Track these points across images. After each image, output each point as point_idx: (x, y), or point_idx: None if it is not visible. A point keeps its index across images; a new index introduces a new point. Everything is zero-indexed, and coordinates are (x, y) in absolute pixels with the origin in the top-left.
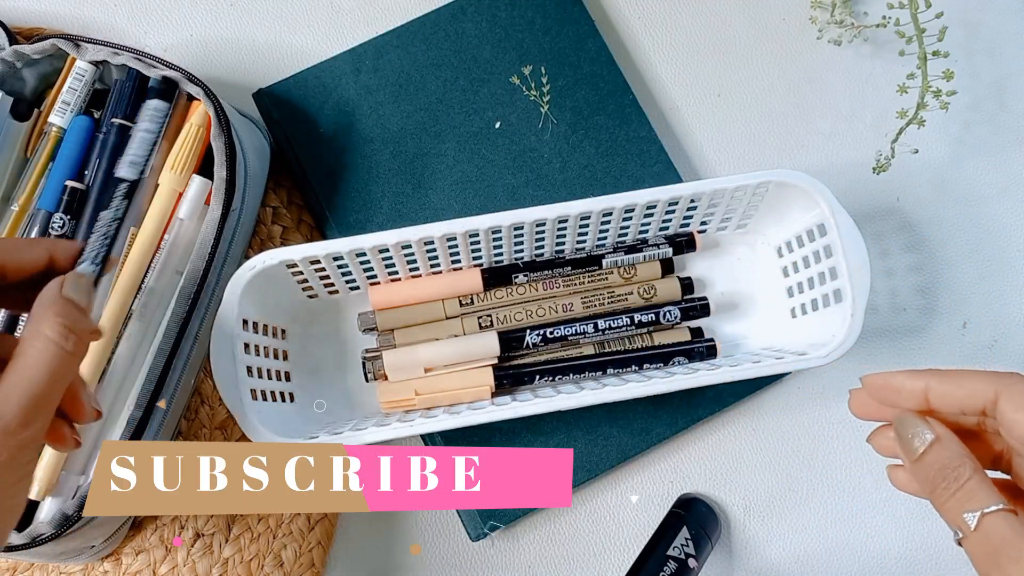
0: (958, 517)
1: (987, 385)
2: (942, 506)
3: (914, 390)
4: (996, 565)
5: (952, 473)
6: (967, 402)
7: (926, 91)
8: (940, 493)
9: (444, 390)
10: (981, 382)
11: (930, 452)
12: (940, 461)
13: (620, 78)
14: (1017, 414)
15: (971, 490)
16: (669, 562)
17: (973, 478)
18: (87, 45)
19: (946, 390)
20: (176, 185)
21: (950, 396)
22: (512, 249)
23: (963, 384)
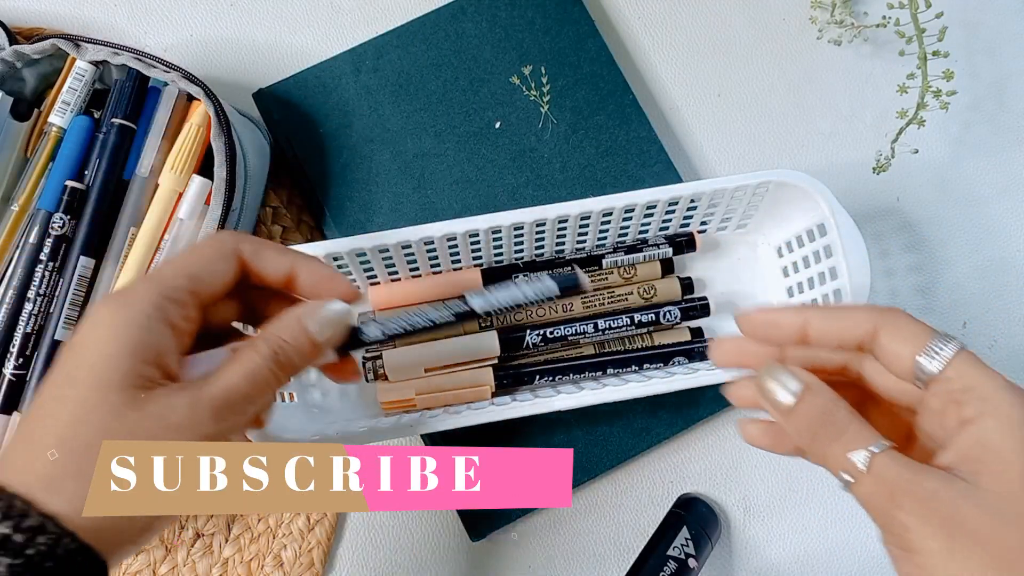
0: (845, 462)
1: (868, 317)
2: (824, 454)
3: (793, 323)
4: (893, 501)
5: (831, 419)
6: (846, 334)
7: (926, 91)
8: (820, 440)
9: (444, 390)
10: (862, 314)
11: (804, 401)
12: (816, 408)
13: (620, 78)
14: (897, 345)
15: (855, 433)
16: (669, 562)
17: (852, 420)
18: (87, 45)
19: (826, 323)
20: (176, 185)
21: (830, 327)
22: (512, 249)
23: (843, 317)
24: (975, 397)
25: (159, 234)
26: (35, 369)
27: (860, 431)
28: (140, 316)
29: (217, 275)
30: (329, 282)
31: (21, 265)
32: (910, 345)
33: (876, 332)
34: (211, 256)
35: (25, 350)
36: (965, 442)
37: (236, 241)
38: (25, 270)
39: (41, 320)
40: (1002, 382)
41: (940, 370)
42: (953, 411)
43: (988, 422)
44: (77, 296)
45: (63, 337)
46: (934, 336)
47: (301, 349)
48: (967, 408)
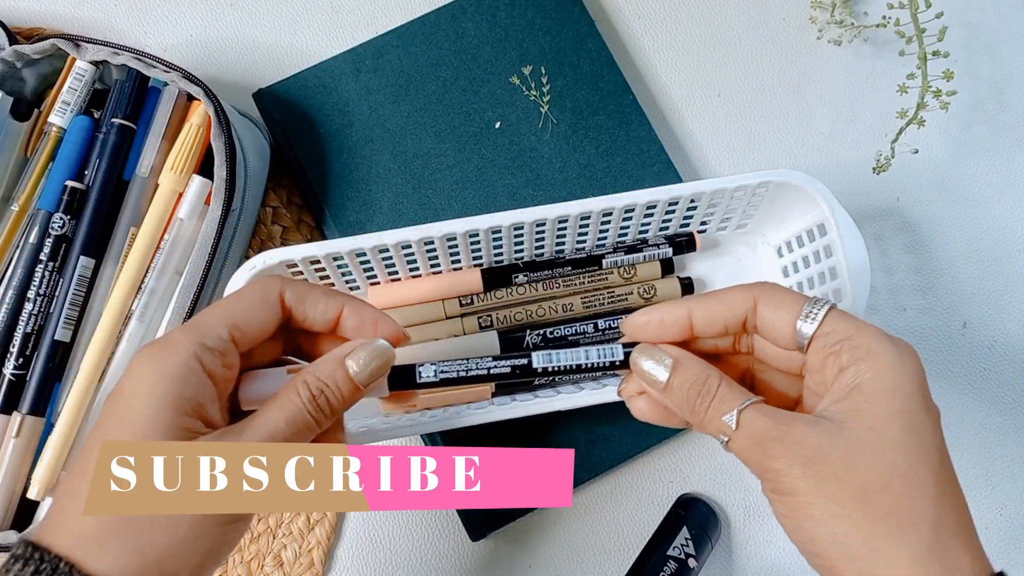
0: (719, 423)
1: (745, 294)
2: (702, 420)
3: (678, 318)
4: (762, 451)
5: (703, 388)
6: (729, 316)
7: (926, 91)
8: (698, 409)
9: (444, 390)
10: (739, 293)
11: (676, 375)
12: (688, 380)
13: (620, 78)
14: (776, 314)
15: (723, 395)
16: (669, 562)
17: (722, 384)
18: (87, 45)
19: (707, 309)
20: (176, 185)
21: (712, 314)
22: (512, 249)
23: (722, 299)
24: (850, 346)
25: (159, 234)
26: (35, 369)
27: (729, 393)
28: (180, 368)
29: (259, 322)
30: (375, 327)
31: (21, 265)
32: (787, 312)
33: (755, 308)
34: (253, 303)
35: (25, 350)
36: (839, 387)
37: (280, 287)
38: (25, 270)
39: (41, 320)
40: (878, 331)
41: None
42: (832, 362)
43: (861, 366)
44: (77, 296)
45: (63, 337)
46: (807, 301)
47: (342, 392)
48: (843, 356)
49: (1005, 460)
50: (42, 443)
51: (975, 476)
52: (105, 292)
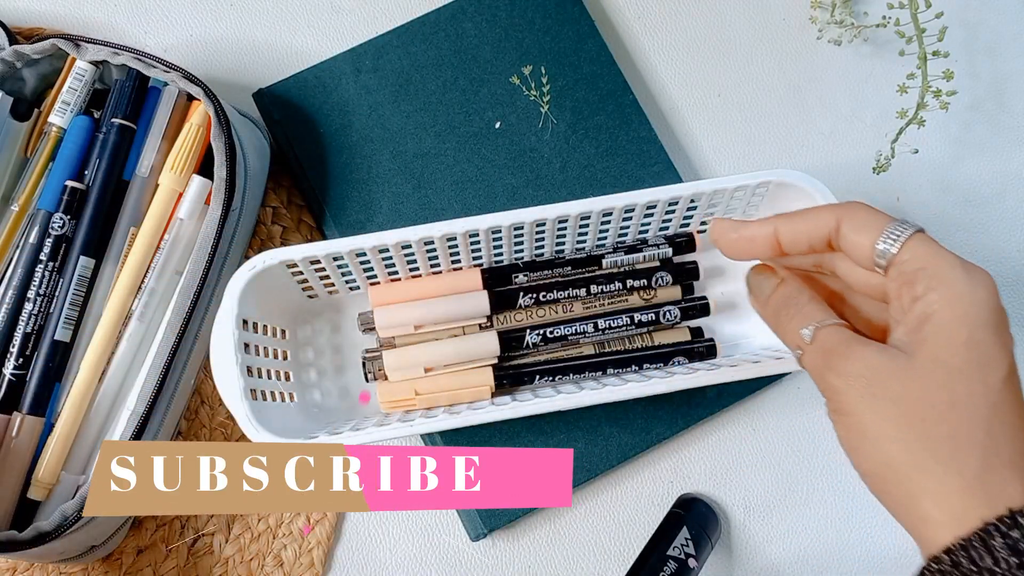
0: (797, 336)
1: (830, 213)
2: (783, 330)
3: (766, 235)
4: (828, 366)
5: (792, 301)
6: (813, 234)
7: (926, 91)
8: (781, 320)
9: (444, 390)
10: (824, 212)
11: (775, 292)
12: (782, 295)
13: (620, 78)
14: (858, 235)
15: (808, 311)
16: (669, 562)
17: (810, 303)
18: (87, 45)
19: (792, 227)
20: (176, 185)
21: (797, 231)
22: (512, 249)
23: (807, 218)
24: (926, 275)
25: (159, 234)
26: (34, 369)
27: (813, 311)
28: None
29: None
30: None
31: (21, 265)
32: (869, 233)
33: (838, 226)
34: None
35: (25, 350)
36: (912, 317)
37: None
38: (25, 270)
39: (41, 320)
40: (954, 260)
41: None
42: (907, 291)
43: (933, 296)
44: (77, 296)
45: (63, 337)
46: (891, 222)
47: None
48: (918, 286)
49: None
50: (42, 443)
51: None
52: (105, 292)
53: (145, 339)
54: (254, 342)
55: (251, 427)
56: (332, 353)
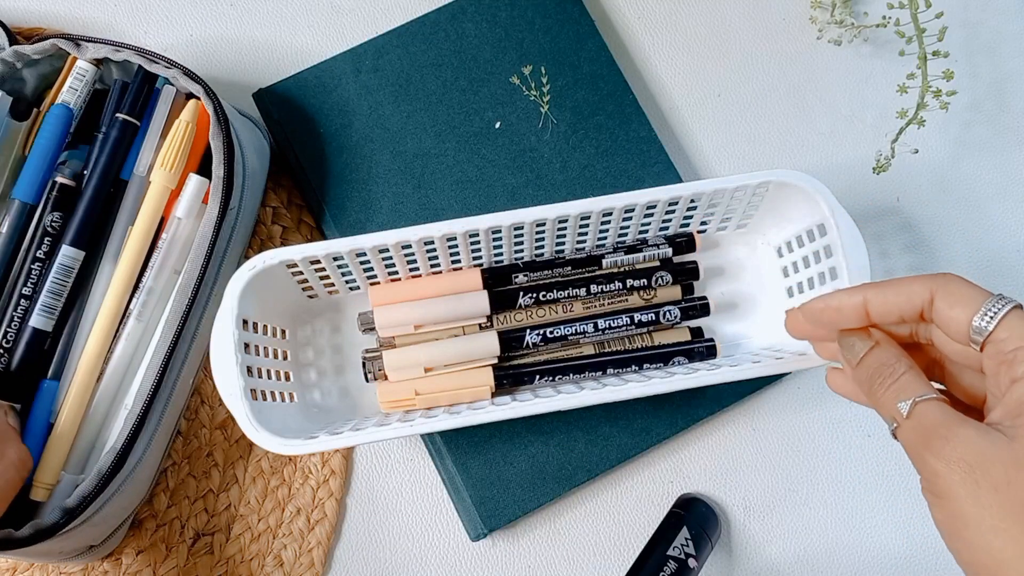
0: (893, 408)
1: (923, 286)
2: (878, 401)
3: (854, 305)
4: (927, 446)
5: (888, 369)
6: (906, 307)
7: (926, 91)
8: (876, 388)
9: (444, 390)
10: (917, 284)
11: (869, 355)
12: (878, 360)
13: (620, 78)
14: (952, 310)
15: (905, 382)
16: (669, 562)
17: (908, 373)
18: (87, 44)
19: (883, 298)
20: (167, 182)
21: (888, 303)
22: (512, 249)
23: (899, 290)
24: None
25: (151, 231)
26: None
27: (911, 382)
28: None
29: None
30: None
31: None
32: (965, 308)
33: (932, 299)
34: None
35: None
36: (1012, 399)
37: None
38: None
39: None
40: None
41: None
42: (1005, 371)
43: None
44: (57, 284)
45: (41, 325)
46: (988, 298)
47: None
48: (1018, 367)
49: None
50: (43, 443)
51: None
52: (104, 291)
53: (144, 338)
54: (254, 342)
55: (251, 427)
56: (332, 353)
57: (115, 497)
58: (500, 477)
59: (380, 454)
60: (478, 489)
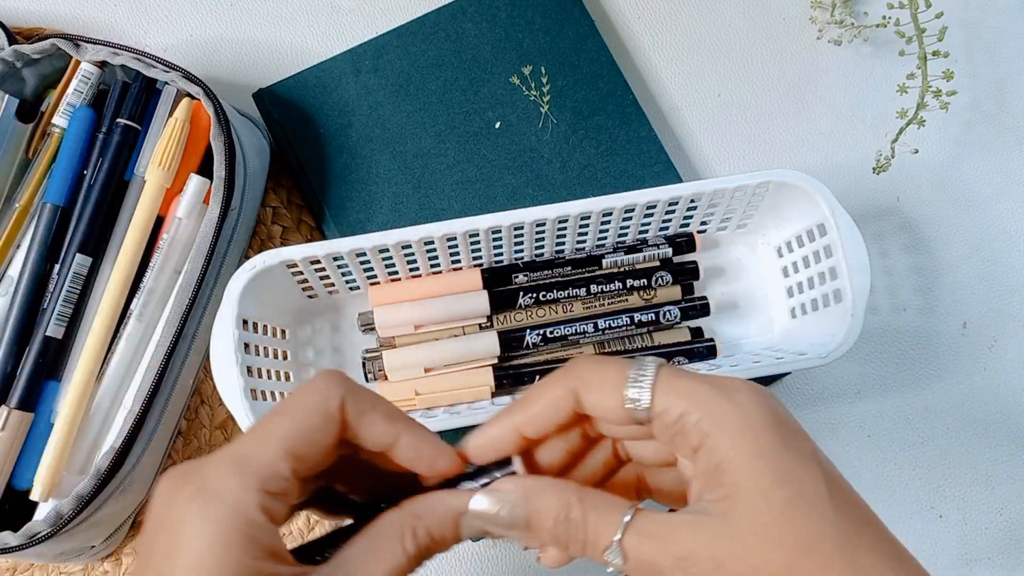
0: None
1: (561, 388)
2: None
3: (506, 437)
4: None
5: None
6: (554, 418)
7: (926, 91)
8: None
9: (444, 390)
10: (555, 389)
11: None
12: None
13: (620, 78)
14: (601, 400)
15: (595, 526)
16: None
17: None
18: (87, 45)
19: (530, 418)
20: (163, 181)
21: (538, 421)
22: (512, 249)
23: (540, 403)
24: (692, 421)
25: (147, 230)
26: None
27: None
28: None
29: (321, 446)
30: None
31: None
32: (610, 394)
33: (577, 397)
34: (314, 422)
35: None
36: (702, 471)
37: (342, 394)
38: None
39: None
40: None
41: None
42: (681, 442)
43: (712, 442)
44: (71, 293)
45: (55, 333)
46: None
47: (444, 546)
48: (691, 435)
49: (1005, 460)
50: (43, 443)
51: (975, 476)
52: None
53: (144, 338)
54: (254, 342)
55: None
56: (332, 353)
57: (114, 498)
58: None
59: None
60: None
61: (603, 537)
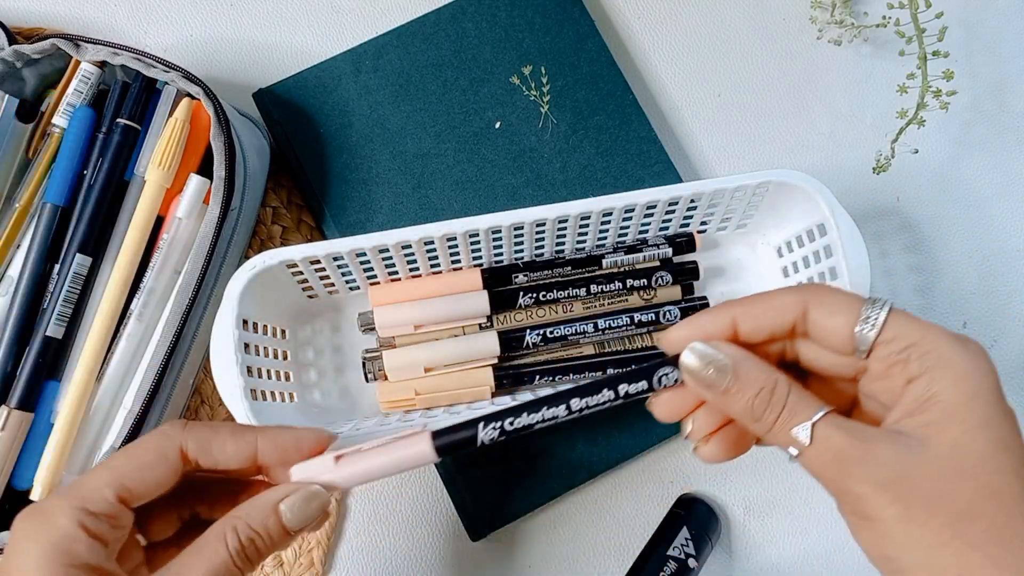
0: (788, 436)
1: (795, 298)
2: (769, 431)
3: (721, 327)
4: (843, 471)
5: (771, 396)
6: (777, 320)
7: (926, 91)
8: (765, 420)
9: (444, 390)
10: (788, 296)
11: (736, 379)
12: (752, 385)
13: (620, 78)
14: (831, 319)
15: (794, 405)
16: (669, 562)
17: (792, 392)
18: (87, 45)
19: (753, 315)
20: (163, 181)
21: (759, 320)
22: (512, 249)
23: (769, 304)
24: (918, 353)
25: (147, 230)
26: (25, 364)
27: (800, 403)
28: (62, 540)
29: (152, 480)
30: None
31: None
32: (844, 316)
33: (806, 312)
34: (147, 460)
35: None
36: (911, 399)
37: (181, 438)
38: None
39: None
40: (944, 334)
41: (878, 334)
42: (898, 371)
43: (933, 375)
44: (71, 293)
45: (55, 334)
46: (865, 303)
47: (272, 539)
48: (912, 365)
49: None
50: (43, 443)
51: None
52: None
53: (144, 338)
54: (254, 342)
55: None
56: (332, 353)
57: None
58: (500, 477)
59: None
60: (478, 489)
61: (799, 416)
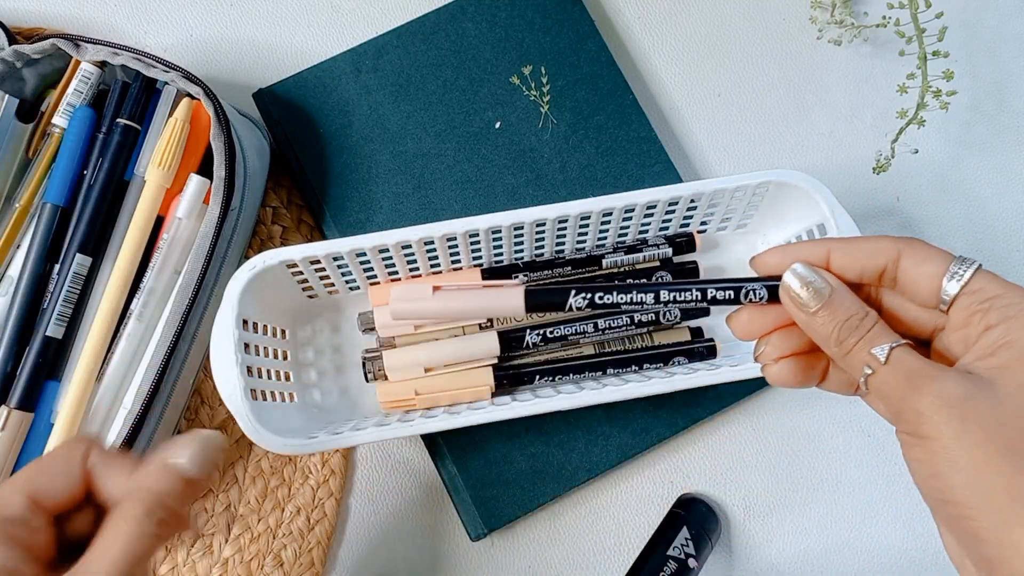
0: (866, 356)
1: (890, 244)
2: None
3: (818, 258)
4: (911, 386)
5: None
6: (869, 264)
7: (926, 91)
8: (847, 341)
9: (444, 390)
10: (884, 241)
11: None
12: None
13: (620, 78)
14: (921, 267)
15: (877, 331)
16: (669, 562)
17: (878, 324)
18: (87, 45)
19: (849, 253)
20: (163, 181)
21: (853, 258)
22: (512, 249)
23: (865, 245)
24: (999, 304)
25: (147, 230)
26: (25, 364)
27: (883, 331)
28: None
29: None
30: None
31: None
32: (933, 267)
33: (899, 258)
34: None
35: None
36: (985, 344)
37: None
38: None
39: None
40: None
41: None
42: (978, 319)
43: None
44: (71, 293)
45: (55, 334)
46: (955, 259)
47: (178, 492)
48: (991, 314)
49: None
50: (43, 443)
51: None
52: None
53: (144, 338)
54: (254, 342)
55: (251, 427)
56: (332, 353)
57: None
58: (500, 477)
59: (380, 454)
60: (478, 489)
61: (878, 340)
